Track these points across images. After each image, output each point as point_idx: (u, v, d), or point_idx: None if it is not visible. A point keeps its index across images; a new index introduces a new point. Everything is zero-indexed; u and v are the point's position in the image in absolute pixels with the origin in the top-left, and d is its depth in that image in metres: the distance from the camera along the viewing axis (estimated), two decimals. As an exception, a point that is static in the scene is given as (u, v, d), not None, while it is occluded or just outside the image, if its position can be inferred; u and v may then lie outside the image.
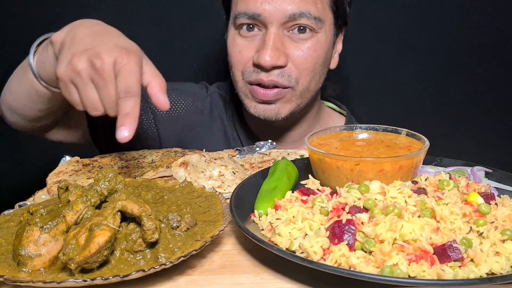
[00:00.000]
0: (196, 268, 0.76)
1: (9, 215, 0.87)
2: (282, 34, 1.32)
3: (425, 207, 0.77)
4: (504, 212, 0.79)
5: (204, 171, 1.11)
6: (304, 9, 1.29)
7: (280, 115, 1.38)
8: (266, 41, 1.30)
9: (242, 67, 1.36)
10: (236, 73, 1.39)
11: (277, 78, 1.32)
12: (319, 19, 1.32)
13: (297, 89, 1.36)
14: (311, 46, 1.34)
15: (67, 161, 1.22)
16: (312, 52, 1.34)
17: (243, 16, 1.32)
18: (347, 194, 0.82)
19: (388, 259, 0.68)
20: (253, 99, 1.38)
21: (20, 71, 1.24)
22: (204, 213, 0.85)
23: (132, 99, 0.88)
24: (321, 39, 1.35)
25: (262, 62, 1.29)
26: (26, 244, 0.70)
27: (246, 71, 1.36)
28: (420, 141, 1.01)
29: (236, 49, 1.37)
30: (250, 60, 1.34)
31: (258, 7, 1.29)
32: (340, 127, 1.11)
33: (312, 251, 0.71)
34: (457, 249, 0.69)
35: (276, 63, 1.30)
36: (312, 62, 1.35)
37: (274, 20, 1.29)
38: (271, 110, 1.37)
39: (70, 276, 0.68)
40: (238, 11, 1.33)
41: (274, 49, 1.29)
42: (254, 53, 1.33)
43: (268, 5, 1.28)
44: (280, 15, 1.28)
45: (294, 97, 1.37)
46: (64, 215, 0.74)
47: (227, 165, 1.14)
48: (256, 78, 1.33)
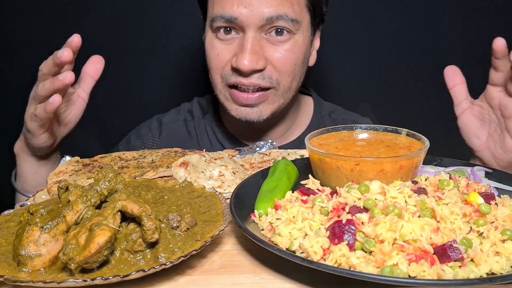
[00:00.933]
0: (196, 268, 0.76)
1: (9, 215, 0.87)
2: (260, 37, 1.31)
3: (425, 207, 0.77)
4: (504, 212, 0.79)
5: (204, 171, 1.11)
6: (281, 12, 1.28)
7: (262, 117, 1.39)
8: (244, 45, 1.29)
9: (220, 70, 1.36)
10: (215, 76, 1.39)
11: (258, 81, 1.32)
12: (296, 20, 1.32)
13: (279, 90, 1.37)
14: (289, 47, 1.34)
15: (67, 161, 1.22)
16: (291, 53, 1.34)
17: (220, 19, 1.30)
18: (347, 194, 0.82)
19: (388, 259, 0.68)
20: (233, 102, 1.39)
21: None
22: (204, 213, 0.85)
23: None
24: (298, 40, 1.35)
25: (240, 67, 1.29)
26: (26, 244, 0.70)
27: (225, 74, 1.36)
28: (420, 141, 1.01)
29: (214, 52, 1.36)
30: (229, 64, 1.34)
31: (235, 10, 1.27)
32: (340, 127, 1.11)
33: (312, 251, 0.71)
34: (457, 249, 0.69)
35: (254, 67, 1.30)
36: (292, 63, 1.35)
37: (251, 24, 1.28)
38: (253, 113, 1.38)
39: (70, 276, 0.68)
40: (215, 14, 1.32)
41: (253, 53, 1.29)
42: (232, 56, 1.33)
43: (245, 9, 1.27)
44: (257, 19, 1.28)
45: (276, 97, 1.38)
46: (64, 215, 0.74)
47: (227, 165, 1.14)
48: (235, 80, 1.34)
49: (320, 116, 1.62)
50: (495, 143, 1.16)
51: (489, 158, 1.18)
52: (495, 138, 1.16)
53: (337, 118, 1.63)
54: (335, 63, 2.00)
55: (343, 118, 1.64)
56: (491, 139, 1.17)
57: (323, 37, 1.57)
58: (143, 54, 2.01)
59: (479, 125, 1.19)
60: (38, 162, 1.32)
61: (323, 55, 1.60)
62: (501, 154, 1.15)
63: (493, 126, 1.17)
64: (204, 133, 1.62)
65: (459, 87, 1.21)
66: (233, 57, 1.33)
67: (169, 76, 2.05)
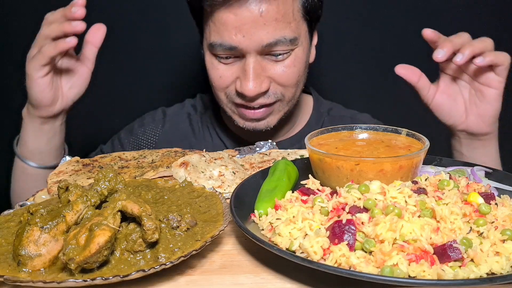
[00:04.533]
0: (196, 268, 0.76)
1: (9, 215, 0.87)
2: (261, 59, 1.31)
3: (425, 207, 0.77)
4: (504, 212, 0.79)
5: (204, 171, 1.11)
6: (279, 36, 1.27)
7: (270, 126, 1.42)
8: (247, 71, 1.29)
9: (224, 89, 1.37)
10: (220, 94, 1.40)
11: (263, 100, 1.34)
12: (295, 38, 1.31)
13: (284, 100, 1.39)
14: (290, 63, 1.34)
15: (67, 161, 1.22)
16: (292, 68, 1.34)
17: (219, 47, 1.30)
18: (347, 194, 0.82)
19: (388, 259, 0.68)
20: (241, 117, 1.41)
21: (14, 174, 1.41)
22: (204, 213, 0.85)
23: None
24: (298, 54, 1.35)
25: (246, 93, 1.30)
26: (26, 244, 0.70)
27: (230, 94, 1.37)
28: (420, 141, 1.01)
29: (216, 73, 1.36)
30: (232, 84, 1.35)
31: (234, 39, 1.27)
32: (340, 127, 1.11)
33: (312, 251, 0.71)
34: (457, 249, 0.69)
35: (259, 91, 1.31)
36: (294, 77, 1.36)
37: (251, 50, 1.28)
38: (260, 124, 1.41)
39: (70, 276, 0.68)
40: (214, 42, 1.30)
41: (256, 78, 1.29)
42: (235, 78, 1.33)
43: (243, 37, 1.26)
44: (256, 45, 1.27)
45: (281, 107, 1.40)
46: (64, 215, 0.74)
47: (227, 165, 1.14)
48: (241, 102, 1.36)
49: (319, 113, 1.63)
50: (475, 103, 1.19)
51: (475, 122, 1.21)
52: (473, 99, 1.20)
53: (335, 115, 1.64)
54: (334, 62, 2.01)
55: (342, 114, 1.65)
56: (470, 102, 1.21)
57: (323, 36, 1.57)
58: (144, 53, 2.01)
59: (452, 98, 1.23)
60: (40, 126, 1.31)
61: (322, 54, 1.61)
62: (486, 108, 1.17)
63: (465, 89, 1.21)
64: (205, 128, 1.64)
65: (422, 78, 1.22)
66: (236, 79, 1.33)
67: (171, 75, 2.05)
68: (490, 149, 1.26)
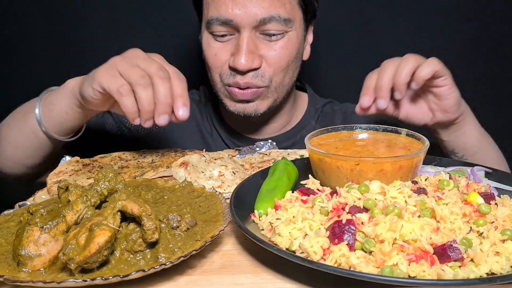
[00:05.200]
0: (196, 268, 0.76)
1: (9, 215, 0.87)
2: (255, 37, 1.36)
3: (425, 207, 0.77)
4: (504, 212, 0.79)
5: (204, 171, 1.11)
6: (273, 13, 1.33)
7: (259, 111, 1.44)
8: (240, 45, 1.34)
9: (219, 69, 1.41)
10: (214, 75, 1.44)
11: (252, 80, 1.37)
12: (289, 20, 1.36)
13: (271, 86, 1.42)
14: (283, 45, 1.38)
15: (67, 161, 1.22)
16: (285, 50, 1.39)
17: (215, 21, 1.35)
18: (347, 194, 0.82)
19: (388, 259, 0.68)
20: (231, 99, 1.44)
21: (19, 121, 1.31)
22: (204, 213, 0.85)
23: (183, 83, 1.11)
24: (292, 37, 1.40)
25: (237, 66, 1.34)
26: (26, 244, 0.70)
27: (223, 74, 1.41)
28: (420, 141, 1.01)
29: (211, 52, 1.40)
30: (226, 63, 1.39)
31: (230, 13, 1.32)
32: (340, 127, 1.11)
33: (312, 251, 0.71)
34: (457, 249, 0.69)
35: (251, 66, 1.34)
36: (285, 60, 1.40)
37: (245, 24, 1.33)
38: (249, 107, 1.43)
39: (70, 276, 0.68)
40: (211, 17, 1.36)
41: (248, 53, 1.33)
42: (230, 56, 1.38)
43: (239, 10, 1.31)
44: (251, 20, 1.32)
45: (269, 93, 1.43)
46: (64, 215, 0.74)
47: (227, 165, 1.14)
48: (233, 81, 1.39)
49: (314, 109, 1.67)
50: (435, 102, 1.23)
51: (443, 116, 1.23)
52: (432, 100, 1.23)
53: (329, 110, 1.68)
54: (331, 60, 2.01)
55: (335, 109, 1.68)
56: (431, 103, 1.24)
57: (320, 33, 1.58)
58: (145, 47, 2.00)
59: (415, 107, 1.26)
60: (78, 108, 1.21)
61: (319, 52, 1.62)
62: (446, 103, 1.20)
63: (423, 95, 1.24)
64: (205, 119, 1.66)
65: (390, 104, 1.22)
66: (230, 56, 1.37)
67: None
68: (468, 128, 1.29)
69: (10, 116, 1.36)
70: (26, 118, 1.28)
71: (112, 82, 1.06)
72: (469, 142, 1.30)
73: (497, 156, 1.37)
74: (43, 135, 1.26)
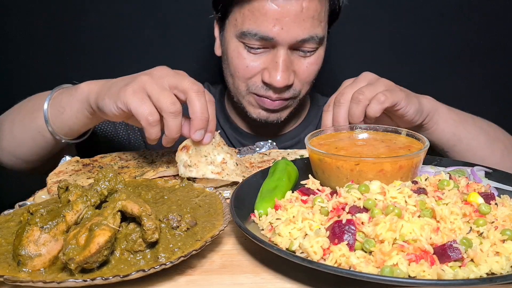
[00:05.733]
0: (196, 268, 0.76)
1: (9, 215, 0.87)
2: (290, 53, 1.37)
3: (425, 207, 0.77)
4: (504, 212, 0.79)
5: (207, 155, 1.06)
6: (313, 33, 1.34)
7: (281, 118, 1.48)
8: (278, 63, 1.34)
9: (247, 80, 1.41)
10: (240, 84, 1.43)
11: (284, 94, 1.40)
12: (323, 38, 1.39)
13: (298, 97, 1.45)
14: (314, 60, 1.41)
15: (67, 161, 1.22)
16: (315, 66, 1.42)
17: (253, 36, 1.33)
18: (347, 194, 0.82)
19: (388, 259, 0.68)
20: (258, 107, 1.45)
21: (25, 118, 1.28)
22: (204, 213, 0.85)
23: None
24: (321, 52, 1.43)
25: (274, 84, 1.35)
26: (26, 244, 0.70)
27: (252, 85, 1.40)
28: (420, 141, 1.01)
29: (242, 63, 1.39)
30: (257, 75, 1.39)
31: (272, 31, 1.30)
32: (340, 127, 1.11)
33: (312, 251, 0.71)
34: (457, 249, 0.69)
35: (287, 83, 1.36)
36: (314, 74, 1.44)
37: (285, 43, 1.33)
38: (273, 115, 1.46)
39: (70, 276, 0.68)
40: (248, 30, 1.33)
41: (285, 70, 1.34)
42: (261, 69, 1.37)
43: (281, 30, 1.30)
44: (291, 39, 1.32)
45: (294, 102, 1.46)
46: (64, 215, 0.74)
47: (233, 154, 1.11)
48: (264, 94, 1.40)
49: (316, 107, 1.69)
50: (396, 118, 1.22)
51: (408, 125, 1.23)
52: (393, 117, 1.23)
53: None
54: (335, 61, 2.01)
55: None
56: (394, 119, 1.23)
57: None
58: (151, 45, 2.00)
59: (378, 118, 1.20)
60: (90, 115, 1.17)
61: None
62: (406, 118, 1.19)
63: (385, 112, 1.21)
64: None
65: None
66: (262, 70, 1.37)
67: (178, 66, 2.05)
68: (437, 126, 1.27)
69: (15, 110, 1.33)
70: (33, 116, 1.24)
71: (141, 108, 0.99)
72: (443, 137, 1.29)
73: (486, 140, 1.33)
74: (50, 135, 1.24)
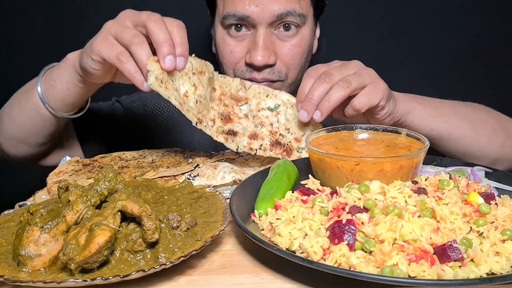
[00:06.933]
0: (196, 268, 0.76)
1: (9, 215, 0.87)
2: (270, 33, 1.39)
3: (425, 207, 0.77)
4: (504, 212, 0.79)
5: (174, 80, 1.05)
6: (290, 8, 1.36)
7: None
8: (257, 42, 1.36)
9: (233, 65, 1.44)
10: (228, 71, 1.46)
11: (269, 75, 1.41)
12: (303, 15, 1.40)
13: (286, 82, 1.45)
14: (296, 42, 1.42)
15: (67, 161, 1.22)
16: (298, 48, 1.43)
17: (231, 17, 1.37)
18: (347, 194, 0.82)
19: (388, 259, 0.68)
20: None
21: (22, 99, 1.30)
22: (204, 213, 0.85)
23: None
24: (304, 34, 1.43)
25: (254, 62, 1.36)
26: (26, 244, 0.70)
27: (238, 70, 1.43)
28: (420, 141, 1.01)
29: (227, 49, 1.43)
30: (242, 60, 1.41)
31: (247, 9, 1.34)
32: (340, 127, 1.11)
33: (312, 251, 0.71)
34: (457, 249, 0.69)
35: (267, 62, 1.37)
36: (299, 57, 1.44)
37: (262, 21, 1.35)
38: None
39: (70, 276, 0.68)
40: (227, 13, 1.37)
41: (265, 49, 1.36)
42: (245, 53, 1.40)
43: (256, 7, 1.34)
44: (268, 16, 1.34)
45: (283, 88, 1.45)
46: (64, 215, 0.74)
47: (198, 88, 1.08)
48: (249, 76, 1.41)
49: None
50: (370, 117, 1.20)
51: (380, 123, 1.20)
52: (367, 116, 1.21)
53: None
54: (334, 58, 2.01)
55: None
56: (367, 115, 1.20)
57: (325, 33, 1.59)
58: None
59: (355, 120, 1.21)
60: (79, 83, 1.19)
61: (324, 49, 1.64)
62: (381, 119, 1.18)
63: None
64: None
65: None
66: (246, 53, 1.40)
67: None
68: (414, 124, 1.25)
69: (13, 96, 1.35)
70: (28, 95, 1.26)
71: (110, 51, 1.03)
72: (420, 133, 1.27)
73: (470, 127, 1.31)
74: (46, 112, 1.24)
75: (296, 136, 1.18)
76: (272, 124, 1.18)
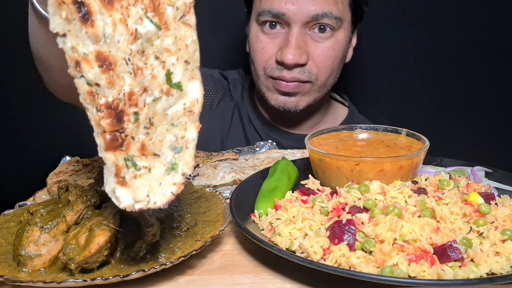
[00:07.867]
0: (196, 268, 0.76)
1: (9, 215, 0.87)
2: (304, 33, 1.38)
3: (425, 207, 0.77)
4: (504, 212, 0.79)
5: None
6: (327, 10, 1.35)
7: (299, 107, 1.46)
8: (289, 40, 1.36)
9: (264, 63, 1.43)
10: (258, 68, 1.46)
11: (298, 75, 1.40)
12: (340, 18, 1.38)
13: (316, 84, 1.44)
14: (331, 45, 1.40)
15: (67, 161, 1.22)
16: (332, 51, 1.41)
17: (267, 14, 1.37)
18: (347, 194, 0.82)
19: (388, 259, 0.68)
20: (274, 92, 1.46)
21: (30, 21, 1.16)
22: (204, 213, 0.85)
23: None
24: (339, 38, 1.42)
25: (285, 60, 1.36)
26: (26, 244, 0.70)
27: (268, 67, 1.43)
28: (420, 141, 1.01)
29: (259, 45, 1.43)
30: (273, 57, 1.41)
31: (283, 7, 1.34)
32: (340, 127, 1.11)
33: (312, 251, 0.71)
34: (457, 249, 0.69)
35: (298, 61, 1.36)
36: (331, 60, 1.43)
37: (297, 20, 1.35)
38: (291, 102, 1.45)
39: (70, 276, 0.68)
40: (262, 9, 1.38)
41: (297, 48, 1.35)
42: (277, 50, 1.40)
43: (292, 6, 1.34)
44: (304, 15, 1.34)
45: (312, 91, 1.45)
46: (64, 215, 0.74)
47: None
48: (278, 74, 1.40)
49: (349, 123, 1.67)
50: None
51: None
52: None
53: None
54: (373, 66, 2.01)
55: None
56: None
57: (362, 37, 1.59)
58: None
59: None
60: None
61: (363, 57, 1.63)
62: None
63: None
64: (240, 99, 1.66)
65: None
66: (277, 51, 1.40)
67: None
68: None
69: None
70: (30, 11, 1.10)
71: None
72: None
73: None
74: (43, 12, 1.13)
75: None
76: None
